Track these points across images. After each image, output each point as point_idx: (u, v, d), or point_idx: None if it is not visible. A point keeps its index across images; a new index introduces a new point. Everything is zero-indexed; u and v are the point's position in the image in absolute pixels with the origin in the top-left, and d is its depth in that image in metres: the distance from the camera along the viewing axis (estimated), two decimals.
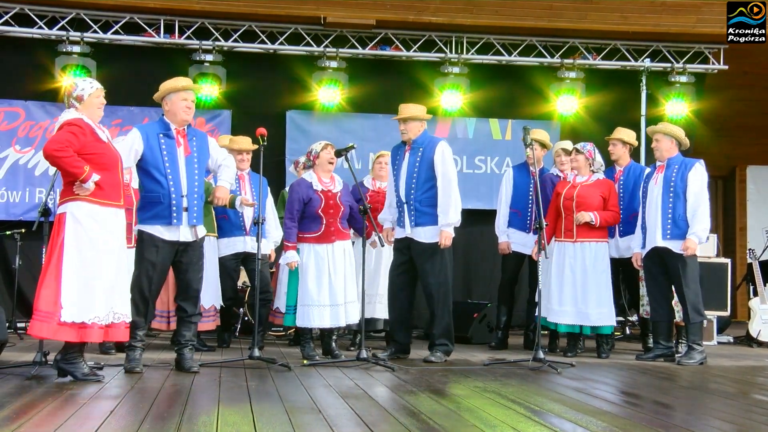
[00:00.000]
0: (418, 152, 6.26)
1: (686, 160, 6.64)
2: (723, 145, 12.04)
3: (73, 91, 4.99)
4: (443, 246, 6.16)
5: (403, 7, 9.00)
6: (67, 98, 5.02)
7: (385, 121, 9.13)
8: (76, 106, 4.96)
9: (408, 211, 6.26)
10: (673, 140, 6.64)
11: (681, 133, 6.70)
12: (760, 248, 9.57)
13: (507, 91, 9.75)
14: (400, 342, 6.39)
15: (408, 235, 6.27)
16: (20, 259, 8.11)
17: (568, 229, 6.81)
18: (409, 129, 6.29)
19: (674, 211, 6.49)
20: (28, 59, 8.88)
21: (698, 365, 6.39)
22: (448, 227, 6.18)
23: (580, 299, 6.72)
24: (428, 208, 6.22)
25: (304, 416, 3.83)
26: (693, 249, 6.42)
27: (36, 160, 8.84)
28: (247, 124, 8.14)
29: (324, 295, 6.05)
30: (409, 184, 6.27)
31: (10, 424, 3.49)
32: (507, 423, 3.75)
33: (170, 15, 8.89)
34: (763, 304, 8.37)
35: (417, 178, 6.23)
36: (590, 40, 9.62)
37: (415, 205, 6.24)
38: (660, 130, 6.71)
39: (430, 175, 6.22)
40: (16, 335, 7.67)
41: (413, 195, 6.24)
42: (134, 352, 5.33)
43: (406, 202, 6.27)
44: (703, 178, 6.57)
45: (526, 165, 7.46)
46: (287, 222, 6.11)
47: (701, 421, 3.96)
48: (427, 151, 6.24)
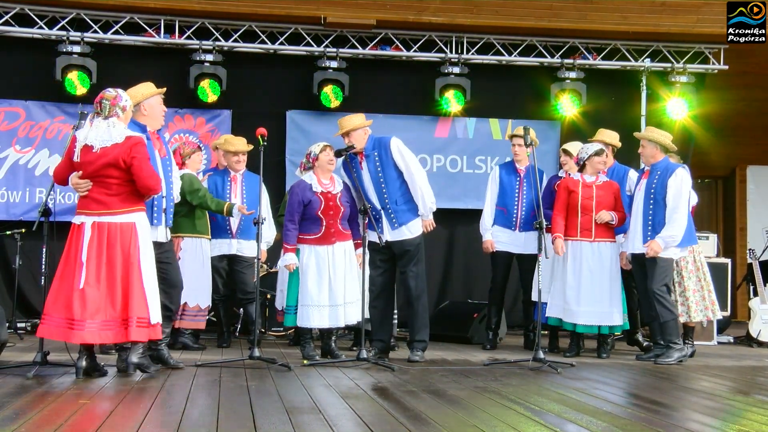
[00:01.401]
0: (374, 157, 6.28)
1: (670, 165, 6.60)
2: (723, 145, 12.03)
3: (120, 101, 5.12)
4: (427, 230, 6.34)
5: (403, 7, 9.00)
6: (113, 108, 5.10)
7: (385, 121, 9.13)
8: (119, 115, 5.10)
9: (387, 216, 6.29)
10: (657, 146, 6.63)
11: (665, 138, 6.66)
12: (760, 248, 9.57)
13: (507, 91, 9.74)
14: (383, 341, 6.42)
15: (388, 240, 6.29)
16: (20, 259, 8.10)
17: (586, 229, 6.77)
18: (355, 139, 6.28)
19: (654, 217, 6.51)
20: (28, 59, 8.87)
21: (677, 363, 6.36)
22: (428, 215, 6.31)
23: (601, 299, 6.70)
24: (405, 204, 6.29)
25: (304, 416, 3.83)
26: (654, 250, 6.39)
27: (36, 160, 8.83)
28: (247, 124, 8.14)
29: (324, 295, 6.06)
30: (379, 191, 6.28)
31: (10, 424, 3.49)
32: (507, 423, 3.75)
33: (170, 15, 8.88)
34: (763, 304, 8.37)
35: (386, 182, 6.26)
36: (590, 40, 9.61)
37: (393, 207, 6.27)
38: (644, 136, 6.73)
39: (396, 173, 6.26)
40: (16, 335, 7.67)
41: (387, 198, 6.27)
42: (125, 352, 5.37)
43: (383, 208, 6.29)
44: (683, 184, 6.51)
45: (512, 163, 7.49)
46: (287, 224, 6.11)
47: (701, 422, 3.96)
48: (383, 153, 6.26)
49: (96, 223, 4.98)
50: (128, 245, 4.99)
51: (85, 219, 5.01)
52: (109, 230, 4.98)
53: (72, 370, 5.20)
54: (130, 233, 5.02)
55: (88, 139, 5.02)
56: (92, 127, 5.05)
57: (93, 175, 5.01)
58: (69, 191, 8.77)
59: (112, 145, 4.98)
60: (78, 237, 5.00)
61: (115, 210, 5.01)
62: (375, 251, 6.31)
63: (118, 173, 5.00)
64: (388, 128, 9.31)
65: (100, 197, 5.01)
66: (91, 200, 5.02)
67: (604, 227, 6.75)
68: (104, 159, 4.96)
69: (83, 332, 4.85)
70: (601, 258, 6.74)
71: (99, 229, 4.97)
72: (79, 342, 4.92)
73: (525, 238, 7.31)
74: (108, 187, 5.01)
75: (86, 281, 4.90)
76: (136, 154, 5.00)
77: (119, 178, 5.01)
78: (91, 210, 5.02)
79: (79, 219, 5.04)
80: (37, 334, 5.14)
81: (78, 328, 4.85)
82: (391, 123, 9.24)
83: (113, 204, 5.01)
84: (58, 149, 8.75)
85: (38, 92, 8.88)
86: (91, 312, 4.86)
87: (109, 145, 4.98)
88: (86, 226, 4.99)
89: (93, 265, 4.93)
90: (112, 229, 4.99)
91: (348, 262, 6.20)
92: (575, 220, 6.80)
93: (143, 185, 5.03)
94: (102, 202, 5.00)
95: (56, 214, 5.78)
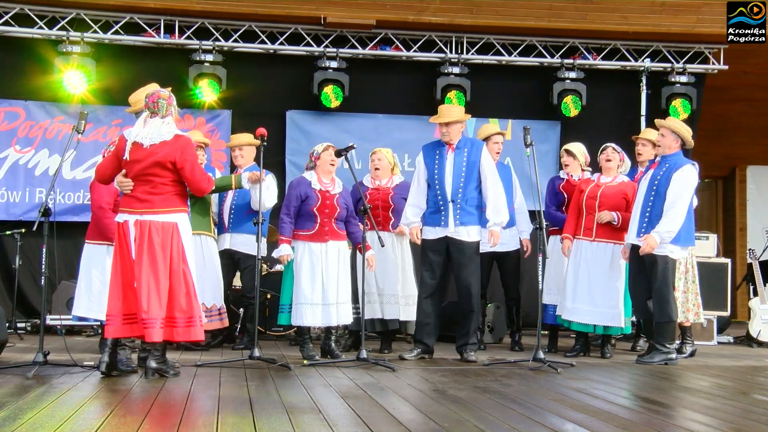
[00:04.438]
0: (464, 153, 6.35)
1: (680, 160, 6.41)
2: (723, 145, 12.05)
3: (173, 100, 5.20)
4: (493, 245, 6.36)
5: (403, 8, 9.00)
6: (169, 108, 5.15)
7: (385, 121, 9.13)
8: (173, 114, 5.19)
9: (453, 210, 6.31)
10: (677, 138, 6.44)
11: (687, 132, 6.47)
12: (760, 248, 9.57)
13: (507, 91, 9.74)
14: (427, 344, 6.43)
15: (449, 235, 6.31)
16: (20, 259, 8.11)
17: (588, 228, 6.78)
18: (452, 131, 6.36)
19: (652, 210, 6.35)
20: (28, 59, 8.88)
21: (660, 365, 6.29)
22: (497, 226, 6.31)
23: (594, 298, 6.69)
24: (472, 208, 6.33)
25: (304, 416, 3.83)
26: (650, 246, 6.23)
27: (36, 160, 8.84)
28: (247, 124, 8.14)
29: (317, 293, 6.08)
30: (456, 184, 6.31)
31: (10, 424, 3.49)
32: (507, 423, 3.75)
33: (170, 15, 8.89)
34: (763, 304, 8.37)
35: (465, 179, 6.31)
36: (590, 40, 9.62)
37: (462, 204, 6.30)
38: (666, 125, 6.50)
39: (476, 176, 6.34)
40: (16, 335, 7.67)
41: (461, 194, 6.30)
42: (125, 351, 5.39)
43: (452, 200, 6.31)
44: (688, 180, 6.31)
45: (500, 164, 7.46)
46: (283, 217, 6.14)
47: (701, 422, 3.96)
48: (473, 154, 6.34)
49: (138, 221, 5.02)
50: (170, 245, 5.04)
51: (128, 217, 5.05)
52: (151, 228, 5.02)
53: (72, 370, 5.22)
54: (171, 233, 5.06)
55: (139, 137, 5.05)
56: (145, 126, 5.08)
57: (140, 173, 5.04)
58: (69, 191, 8.80)
59: (161, 142, 5.04)
60: (124, 235, 5.04)
61: (157, 209, 5.05)
62: (431, 252, 6.37)
63: (165, 173, 5.05)
64: (388, 128, 9.34)
65: (143, 195, 5.05)
66: (135, 198, 5.06)
67: (608, 228, 6.73)
68: (153, 157, 5.01)
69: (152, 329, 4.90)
70: (601, 258, 6.73)
71: (141, 227, 5.02)
72: (149, 339, 4.95)
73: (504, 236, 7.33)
74: (153, 185, 5.05)
75: (138, 279, 4.96)
76: (187, 157, 5.07)
77: (164, 178, 5.06)
78: (133, 208, 5.05)
79: (122, 217, 5.08)
80: (105, 335, 5.17)
81: (145, 325, 4.91)
82: (391, 123, 9.25)
83: (156, 203, 5.05)
84: (58, 149, 8.76)
85: (38, 92, 8.89)
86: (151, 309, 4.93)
87: (158, 141, 5.03)
88: (129, 224, 5.03)
89: (141, 263, 4.98)
90: (154, 227, 5.03)
91: (341, 262, 6.21)
92: (579, 220, 6.85)
93: (197, 188, 5.15)
94: (145, 201, 5.04)
95: (56, 214, 5.78)
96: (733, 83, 10.35)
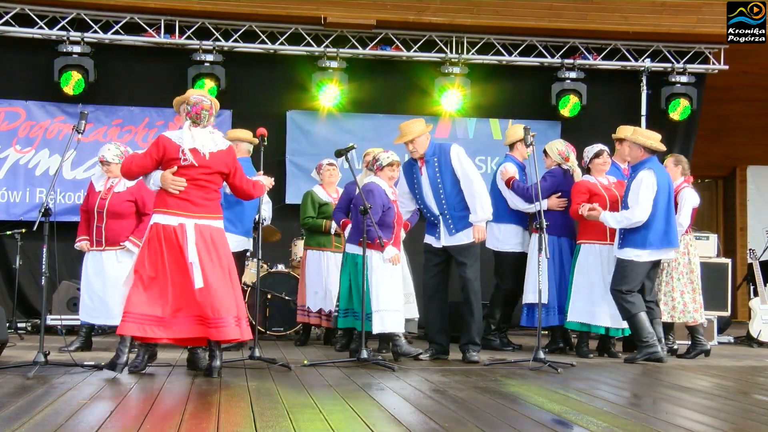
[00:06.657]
0: (434, 164, 6.27)
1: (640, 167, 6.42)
2: (723, 145, 12.04)
3: (214, 110, 5.26)
4: (478, 240, 6.28)
5: (404, 7, 9.00)
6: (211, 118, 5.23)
7: (385, 121, 9.13)
8: (214, 123, 5.32)
9: (444, 223, 6.28)
10: (639, 148, 6.45)
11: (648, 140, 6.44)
12: (761, 248, 9.56)
13: (507, 91, 9.74)
14: (440, 343, 6.43)
15: (447, 244, 6.31)
16: (20, 259, 8.11)
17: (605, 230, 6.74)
18: (418, 146, 6.28)
19: None
20: (28, 59, 8.89)
21: (644, 360, 6.35)
22: (481, 223, 6.26)
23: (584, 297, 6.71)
24: (463, 212, 6.26)
25: (304, 416, 3.83)
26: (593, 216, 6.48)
27: (36, 160, 8.84)
28: (247, 124, 8.11)
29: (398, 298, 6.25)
30: (438, 198, 6.28)
31: (10, 424, 3.49)
32: (507, 423, 3.75)
33: (170, 15, 8.89)
34: (763, 304, 8.37)
35: (444, 189, 6.25)
36: (590, 40, 9.62)
37: (451, 213, 6.26)
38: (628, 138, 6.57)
39: (454, 180, 6.24)
40: (17, 335, 7.67)
41: (446, 205, 6.26)
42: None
43: (441, 214, 6.29)
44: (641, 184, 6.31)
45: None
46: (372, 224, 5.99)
47: (701, 422, 3.96)
48: (443, 160, 6.24)
49: (198, 225, 5.09)
50: (224, 248, 5.19)
51: (184, 220, 5.07)
52: (212, 233, 5.14)
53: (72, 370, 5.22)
54: (222, 237, 5.21)
55: (195, 143, 5.07)
56: (193, 134, 5.10)
57: (197, 178, 5.09)
58: (69, 191, 8.80)
59: (218, 151, 5.15)
60: (180, 237, 5.04)
61: (212, 214, 5.18)
62: (430, 253, 6.38)
63: (220, 181, 5.22)
64: (388, 128, 9.31)
65: (198, 200, 5.11)
66: (189, 202, 5.09)
67: (597, 230, 6.73)
68: (216, 166, 5.13)
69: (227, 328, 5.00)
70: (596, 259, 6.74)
71: (202, 231, 5.09)
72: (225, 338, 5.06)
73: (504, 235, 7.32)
74: (207, 191, 5.16)
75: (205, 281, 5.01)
76: (237, 166, 5.26)
77: (217, 185, 5.23)
78: (190, 212, 5.09)
79: (176, 220, 5.07)
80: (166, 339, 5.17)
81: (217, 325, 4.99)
82: (391, 123, 9.23)
83: (210, 208, 5.18)
84: (58, 149, 8.76)
85: (38, 92, 8.90)
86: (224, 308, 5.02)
87: (216, 150, 5.14)
88: (186, 227, 5.05)
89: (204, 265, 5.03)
90: (212, 232, 5.14)
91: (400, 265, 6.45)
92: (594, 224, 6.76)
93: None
94: (202, 206, 5.13)
95: (56, 214, 5.79)
96: (733, 83, 10.35)
